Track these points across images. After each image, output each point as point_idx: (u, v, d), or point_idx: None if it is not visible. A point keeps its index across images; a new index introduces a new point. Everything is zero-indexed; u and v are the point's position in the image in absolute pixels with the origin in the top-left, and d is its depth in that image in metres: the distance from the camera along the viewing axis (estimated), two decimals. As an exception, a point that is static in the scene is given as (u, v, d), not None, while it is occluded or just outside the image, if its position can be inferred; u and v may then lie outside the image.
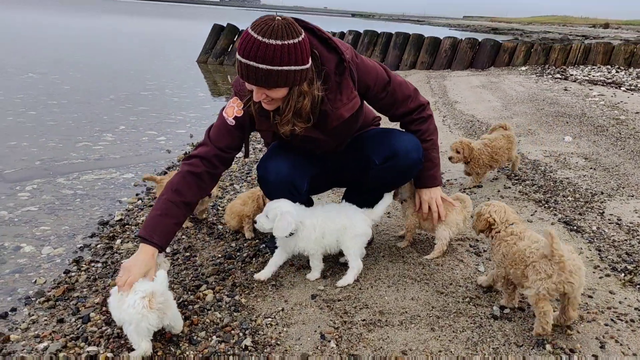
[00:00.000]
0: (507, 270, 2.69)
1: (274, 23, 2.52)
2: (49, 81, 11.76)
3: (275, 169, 3.13)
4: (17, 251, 3.99)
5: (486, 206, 2.90)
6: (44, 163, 6.10)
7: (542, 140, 6.33)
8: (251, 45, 2.52)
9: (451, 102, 9.29)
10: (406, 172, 3.29)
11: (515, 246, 2.64)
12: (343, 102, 2.91)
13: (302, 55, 2.59)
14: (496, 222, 2.81)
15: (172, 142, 7.44)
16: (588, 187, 4.68)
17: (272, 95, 2.68)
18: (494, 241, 2.82)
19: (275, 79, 2.58)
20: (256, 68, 2.54)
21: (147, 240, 2.79)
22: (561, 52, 16.22)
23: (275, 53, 2.51)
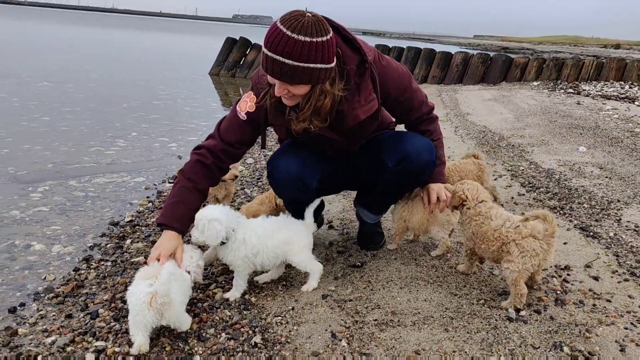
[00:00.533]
0: (478, 246, 2.95)
1: (304, 19, 2.49)
2: (63, 89, 11.89)
3: (286, 166, 3.09)
4: (28, 249, 3.98)
5: (460, 184, 3.14)
6: (56, 166, 6.13)
7: (555, 150, 6.26)
8: (279, 40, 2.49)
9: (463, 114, 9.26)
10: (419, 174, 3.25)
11: (484, 225, 2.89)
12: (360, 104, 2.88)
13: (328, 54, 2.57)
14: (468, 198, 3.04)
15: (183, 148, 7.46)
16: (604, 195, 4.61)
17: (294, 91, 2.65)
18: (464, 217, 3.07)
19: (300, 76, 2.55)
20: (282, 63, 2.51)
21: (168, 227, 2.86)
22: (573, 68, 16.17)
23: (303, 50, 2.48)
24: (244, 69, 18.29)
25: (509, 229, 2.79)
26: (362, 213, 3.67)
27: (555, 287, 3.01)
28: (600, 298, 2.91)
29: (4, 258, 3.81)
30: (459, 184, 3.17)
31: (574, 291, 2.99)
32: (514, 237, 2.75)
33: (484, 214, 2.94)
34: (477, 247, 2.98)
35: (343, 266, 3.33)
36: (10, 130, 7.60)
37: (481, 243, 2.91)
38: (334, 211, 4.40)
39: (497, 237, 2.81)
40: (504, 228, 2.80)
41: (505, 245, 2.78)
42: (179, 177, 3.04)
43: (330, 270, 3.25)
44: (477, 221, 2.95)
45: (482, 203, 3.02)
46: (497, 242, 2.81)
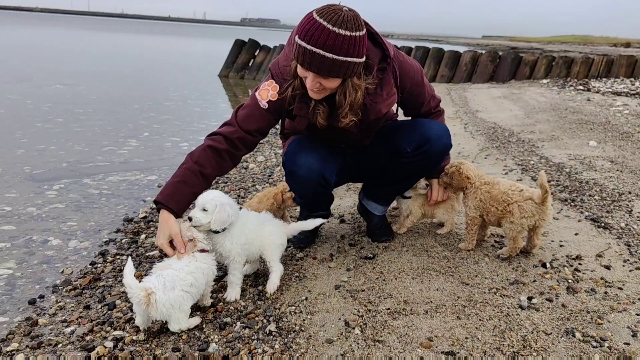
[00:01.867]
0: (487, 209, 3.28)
1: (343, 13, 2.51)
2: (76, 92, 12.04)
3: (306, 163, 3.11)
4: (45, 244, 4.06)
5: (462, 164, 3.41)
6: (70, 165, 6.22)
7: (566, 145, 6.26)
8: (320, 33, 2.49)
9: (472, 111, 9.26)
10: (438, 158, 3.34)
11: (494, 190, 3.25)
12: (383, 98, 2.93)
13: (363, 49, 2.61)
14: (471, 176, 3.36)
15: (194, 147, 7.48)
16: (615, 187, 4.60)
17: (327, 84, 2.68)
18: (469, 192, 3.38)
19: (337, 70, 2.58)
20: (322, 56, 2.53)
21: (164, 205, 2.78)
22: (583, 65, 16.08)
23: (344, 44, 2.51)
24: (253, 71, 18.38)
25: (514, 192, 3.19)
26: (370, 206, 3.70)
27: (567, 276, 3.03)
28: (612, 286, 2.92)
29: (22, 253, 3.89)
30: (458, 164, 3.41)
31: (586, 280, 3.00)
32: (517, 199, 3.15)
33: (490, 183, 3.31)
34: (486, 211, 3.30)
35: (355, 258, 3.36)
36: (25, 131, 7.72)
37: (490, 206, 3.26)
38: (345, 205, 4.44)
39: (504, 199, 3.19)
40: (510, 191, 3.20)
41: (509, 206, 3.17)
42: (186, 159, 2.97)
43: (342, 262, 3.29)
44: (483, 189, 3.30)
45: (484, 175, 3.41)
46: (504, 203, 3.19)
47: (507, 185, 3.26)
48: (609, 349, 2.35)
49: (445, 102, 10.83)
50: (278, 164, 6.22)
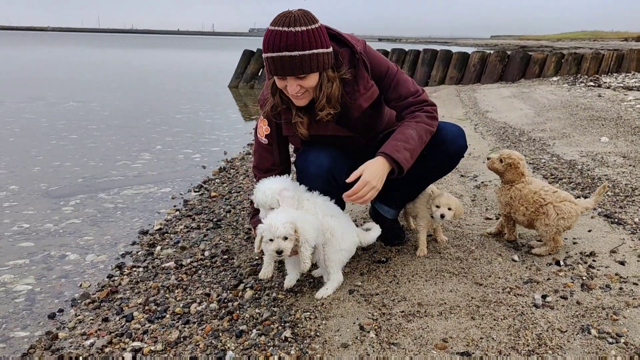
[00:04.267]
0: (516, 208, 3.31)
1: (292, 14, 2.69)
2: (89, 108, 12.22)
3: (317, 161, 3.15)
4: (63, 259, 4.13)
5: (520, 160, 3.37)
6: (86, 180, 6.33)
7: (577, 142, 6.22)
8: (279, 38, 2.65)
9: (482, 112, 9.23)
10: (452, 160, 3.32)
11: (524, 189, 3.26)
12: (361, 93, 2.98)
13: (325, 39, 2.75)
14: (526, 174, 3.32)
15: (207, 159, 7.62)
16: (628, 183, 4.57)
17: (306, 84, 2.78)
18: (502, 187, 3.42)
19: (309, 64, 2.69)
20: (290, 57, 2.66)
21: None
22: (593, 61, 15.96)
23: (304, 38, 2.65)
24: (262, 80, 18.49)
25: (548, 192, 3.21)
26: (383, 209, 3.71)
27: (581, 273, 3.02)
28: (627, 282, 2.91)
29: (41, 268, 3.97)
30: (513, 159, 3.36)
31: (600, 276, 2.99)
32: (552, 200, 3.18)
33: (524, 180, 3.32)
34: (515, 210, 3.33)
35: (368, 262, 3.38)
36: (41, 149, 7.86)
37: (520, 205, 3.28)
38: (357, 210, 4.46)
39: (535, 200, 3.21)
40: (542, 191, 3.21)
41: (543, 207, 3.19)
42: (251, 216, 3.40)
43: (355, 266, 3.31)
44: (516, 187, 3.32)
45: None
46: (535, 204, 3.22)
47: (539, 186, 3.27)
48: (625, 344, 2.34)
49: (454, 103, 10.83)
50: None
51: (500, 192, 3.48)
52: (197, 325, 2.82)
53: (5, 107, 12.04)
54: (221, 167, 6.89)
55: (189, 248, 4.06)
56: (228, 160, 7.41)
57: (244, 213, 4.71)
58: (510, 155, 3.40)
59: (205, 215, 4.85)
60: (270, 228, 2.74)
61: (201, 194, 5.76)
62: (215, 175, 6.57)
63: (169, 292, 3.29)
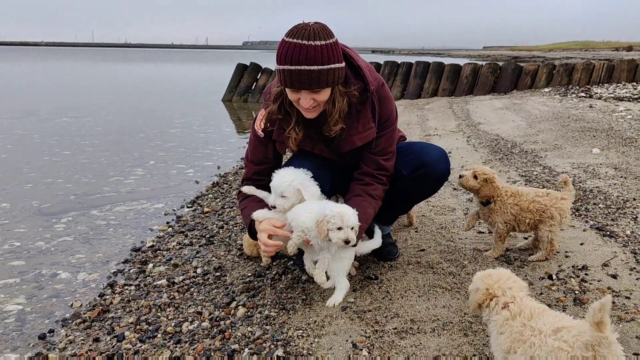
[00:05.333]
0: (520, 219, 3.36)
1: (310, 27, 2.66)
2: (82, 124, 12.20)
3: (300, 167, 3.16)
4: (54, 278, 4.10)
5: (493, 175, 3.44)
6: (78, 197, 6.30)
7: (569, 154, 6.25)
8: (298, 51, 2.62)
9: (475, 124, 9.28)
10: (435, 183, 3.31)
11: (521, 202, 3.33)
12: (358, 131, 3.00)
13: (340, 54, 2.75)
14: (501, 188, 3.41)
15: (200, 173, 7.61)
16: (619, 195, 4.59)
17: (319, 98, 2.78)
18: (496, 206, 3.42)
19: (325, 79, 2.69)
20: (309, 71, 2.64)
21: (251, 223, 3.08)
22: (584, 72, 16.10)
23: (323, 52, 2.64)
24: (256, 94, 18.54)
25: (544, 197, 3.31)
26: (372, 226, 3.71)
27: (574, 287, 3.02)
28: (619, 295, 2.91)
29: (32, 287, 3.93)
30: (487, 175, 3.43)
31: (593, 290, 2.99)
32: (552, 203, 3.28)
33: (514, 194, 3.39)
34: (519, 221, 3.39)
35: (361, 278, 3.37)
36: (33, 166, 7.83)
37: (525, 218, 3.36)
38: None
39: (538, 208, 3.30)
40: (539, 198, 3.31)
41: (545, 212, 3.29)
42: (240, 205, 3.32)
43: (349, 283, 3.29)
44: (511, 202, 3.38)
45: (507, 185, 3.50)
46: (539, 212, 3.30)
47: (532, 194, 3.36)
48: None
49: (447, 116, 10.89)
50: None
51: (494, 211, 3.43)
52: (189, 344, 2.79)
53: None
54: (214, 182, 6.87)
55: (181, 265, 4.03)
56: (221, 175, 7.40)
57: (237, 229, 4.70)
58: (484, 170, 3.43)
59: (198, 232, 4.82)
60: (342, 216, 2.79)
61: (194, 209, 5.74)
62: (209, 190, 6.55)
63: (161, 311, 3.26)
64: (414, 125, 10.21)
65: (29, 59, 68.80)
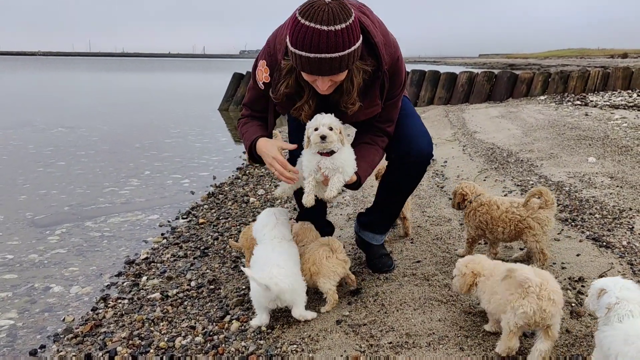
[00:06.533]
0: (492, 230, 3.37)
1: (328, 8, 2.45)
2: (77, 134, 12.16)
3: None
4: (47, 291, 4.06)
5: (458, 184, 3.64)
6: (72, 208, 6.26)
7: (565, 163, 6.25)
8: (317, 38, 2.45)
9: (470, 132, 9.28)
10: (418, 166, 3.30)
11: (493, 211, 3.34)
12: (364, 107, 2.92)
13: (358, 31, 2.59)
14: (467, 193, 3.53)
15: (195, 184, 7.58)
16: (615, 204, 4.58)
17: (338, 79, 2.69)
18: (467, 211, 3.51)
19: (346, 62, 2.57)
20: (330, 59, 2.50)
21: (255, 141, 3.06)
22: (580, 80, 16.16)
23: (344, 38, 2.49)
24: (253, 103, 18.53)
25: (519, 208, 3.27)
26: (367, 236, 3.70)
27: (570, 300, 3.00)
28: (616, 308, 2.88)
29: (24, 302, 3.89)
30: (457, 185, 3.66)
31: (589, 303, 2.96)
32: (528, 213, 3.22)
33: (486, 203, 3.41)
34: (491, 232, 3.40)
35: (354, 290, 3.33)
36: (27, 177, 7.79)
37: (497, 226, 3.34)
38: (345, 236, 4.42)
39: (510, 218, 3.26)
40: (514, 209, 3.28)
41: (522, 222, 3.24)
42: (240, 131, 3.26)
43: (343, 295, 3.27)
44: (481, 211, 3.41)
45: (481, 195, 3.50)
46: (513, 222, 3.26)
47: (507, 204, 3.34)
48: (615, 374, 2.30)
49: (443, 124, 10.89)
50: (279, 198, 6.23)
51: (466, 216, 3.55)
52: (182, 362, 2.76)
53: (-7, 134, 11.99)
54: (210, 193, 6.84)
55: (175, 278, 4.00)
56: (217, 185, 7.37)
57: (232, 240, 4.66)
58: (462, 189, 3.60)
59: (193, 243, 4.79)
60: (316, 118, 2.87)
61: (189, 220, 5.71)
62: (204, 201, 6.52)
63: (154, 325, 3.23)
64: (410, 134, 10.21)
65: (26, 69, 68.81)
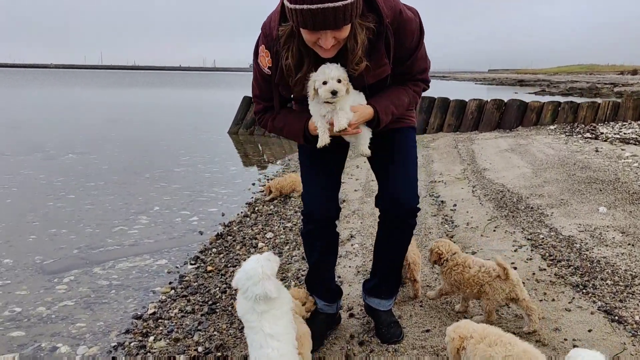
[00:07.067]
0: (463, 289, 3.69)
1: None
2: (88, 161, 12.26)
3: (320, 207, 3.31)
4: (54, 352, 4.06)
5: (435, 242, 3.91)
6: (81, 251, 6.28)
7: (575, 212, 6.20)
8: None
9: (480, 170, 9.25)
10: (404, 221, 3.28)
11: (465, 273, 3.64)
12: (371, 67, 2.82)
13: None
14: (443, 252, 3.81)
15: (204, 222, 7.60)
16: (627, 268, 4.51)
17: (341, 35, 2.59)
18: (444, 269, 3.80)
19: (350, 13, 2.48)
20: (334, 9, 2.42)
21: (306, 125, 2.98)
22: (590, 110, 16.11)
23: None
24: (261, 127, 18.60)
25: (484, 274, 3.56)
26: (374, 302, 3.67)
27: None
28: (629, 400, 2.83)
29: (31, 365, 3.89)
30: (433, 242, 3.93)
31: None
32: (487, 279, 3.53)
33: (461, 264, 3.69)
34: (463, 291, 3.71)
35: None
36: (37, 213, 7.84)
37: (466, 288, 3.66)
38: (354, 295, 4.39)
39: (476, 281, 3.59)
40: (480, 273, 3.57)
41: (483, 287, 3.55)
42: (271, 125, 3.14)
43: (350, 371, 3.23)
44: (457, 270, 3.69)
45: (456, 254, 3.78)
46: (477, 285, 3.58)
47: (477, 267, 3.62)
48: None
49: (452, 157, 10.87)
50: (287, 241, 6.23)
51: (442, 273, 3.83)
52: None
53: (5, 161, 12.10)
54: (218, 234, 6.86)
55: (183, 339, 3.99)
56: (225, 224, 7.38)
57: (240, 296, 4.65)
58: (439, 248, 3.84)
59: (200, 297, 4.79)
60: (323, 70, 2.75)
61: (197, 267, 5.72)
62: (212, 242, 6.54)
63: (160, 400, 3.21)
64: (420, 168, 10.19)
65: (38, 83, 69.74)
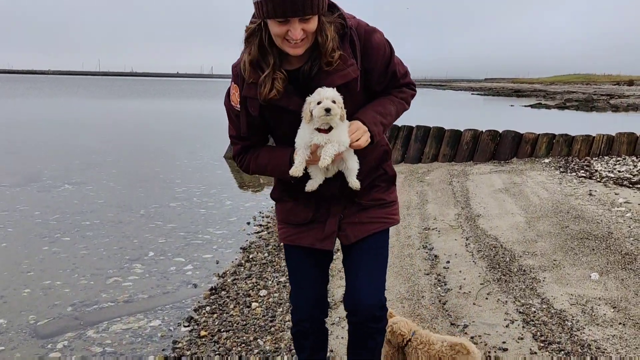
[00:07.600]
0: None
1: None
2: (84, 194, 12.25)
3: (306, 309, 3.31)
4: None
5: (394, 324, 3.96)
6: (75, 309, 6.28)
7: (567, 278, 6.25)
8: None
9: (474, 217, 9.31)
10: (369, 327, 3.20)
11: (431, 350, 3.82)
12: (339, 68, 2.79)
13: None
14: (405, 333, 3.93)
15: (198, 271, 7.62)
16: (617, 355, 4.56)
17: (309, 28, 2.62)
18: (409, 349, 3.91)
19: (317, 2, 2.55)
20: None
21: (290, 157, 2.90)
22: (584, 143, 16.27)
23: None
24: (258, 152, 18.66)
25: (447, 348, 3.80)
26: None
27: None
28: None
29: None
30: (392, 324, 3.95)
31: None
32: (451, 353, 3.77)
33: (425, 342, 3.87)
34: None
35: None
36: (32, 260, 7.84)
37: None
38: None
39: (440, 357, 3.79)
40: (444, 348, 3.81)
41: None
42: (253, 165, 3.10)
43: None
44: (423, 349, 3.85)
45: (416, 332, 3.95)
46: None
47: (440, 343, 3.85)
48: None
49: (447, 197, 10.94)
50: (280, 302, 6.25)
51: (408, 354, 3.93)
52: None
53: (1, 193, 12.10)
54: (212, 287, 6.88)
55: None
56: (220, 275, 7.41)
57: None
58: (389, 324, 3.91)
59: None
60: (319, 92, 2.74)
61: (191, 329, 5.74)
62: (206, 298, 6.56)
63: None
64: (413, 209, 10.26)
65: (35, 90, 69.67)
